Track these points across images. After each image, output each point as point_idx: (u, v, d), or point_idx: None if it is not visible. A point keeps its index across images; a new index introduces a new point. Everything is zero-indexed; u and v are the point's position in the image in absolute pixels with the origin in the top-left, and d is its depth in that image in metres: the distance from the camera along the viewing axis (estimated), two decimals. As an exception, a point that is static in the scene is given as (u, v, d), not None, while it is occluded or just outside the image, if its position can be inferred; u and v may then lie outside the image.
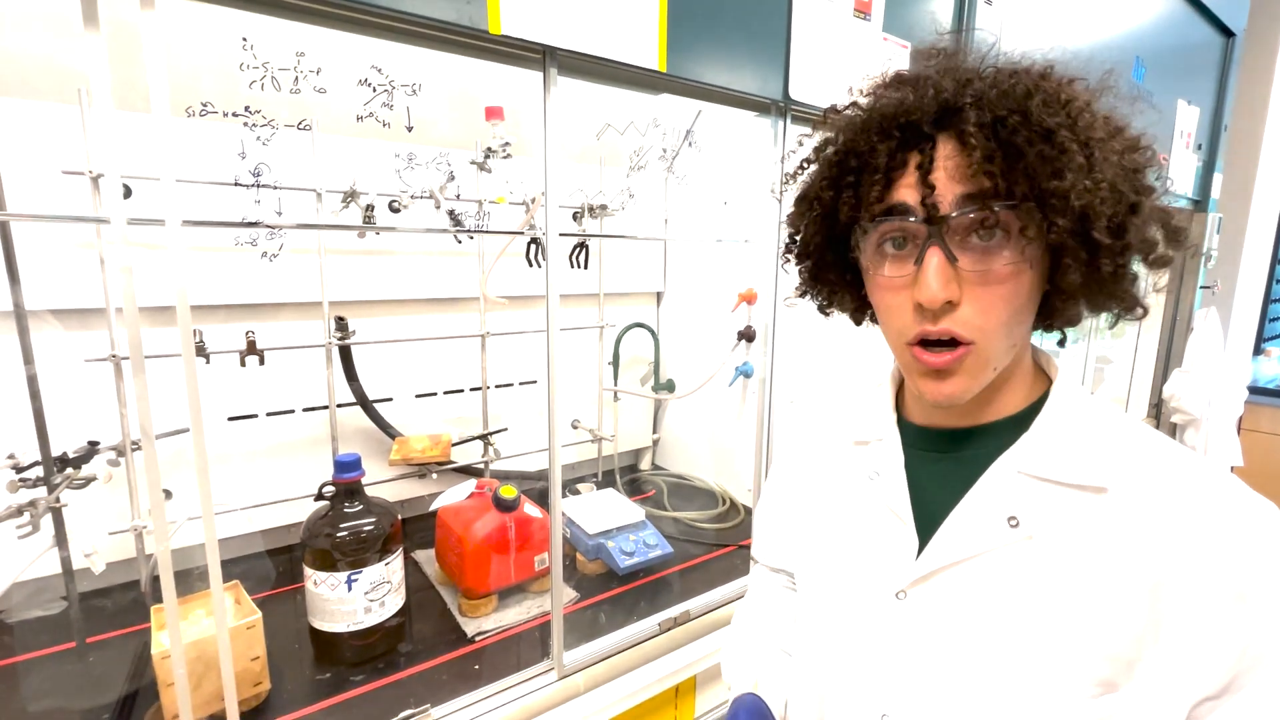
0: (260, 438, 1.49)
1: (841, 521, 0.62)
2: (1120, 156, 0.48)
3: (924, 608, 0.54)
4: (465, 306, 1.69)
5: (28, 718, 1.03)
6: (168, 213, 0.65)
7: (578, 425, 2.02)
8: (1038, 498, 0.51)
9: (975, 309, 0.48)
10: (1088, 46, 1.69)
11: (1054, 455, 0.51)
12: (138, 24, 0.60)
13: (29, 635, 1.22)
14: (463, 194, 1.52)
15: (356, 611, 1.17)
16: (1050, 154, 0.45)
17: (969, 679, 0.51)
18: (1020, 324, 0.51)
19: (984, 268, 0.47)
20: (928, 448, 0.58)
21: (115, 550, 1.26)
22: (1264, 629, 0.44)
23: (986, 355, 0.49)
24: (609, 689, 1.02)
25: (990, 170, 0.45)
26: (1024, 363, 0.55)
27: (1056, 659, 0.48)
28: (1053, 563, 0.49)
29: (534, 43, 0.78)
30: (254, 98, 0.82)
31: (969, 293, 0.48)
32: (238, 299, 1.37)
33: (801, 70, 1.05)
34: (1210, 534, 0.46)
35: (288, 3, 0.64)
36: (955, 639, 0.52)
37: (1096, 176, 0.46)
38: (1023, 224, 0.46)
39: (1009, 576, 0.50)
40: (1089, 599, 0.48)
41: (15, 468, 1.11)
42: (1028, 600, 0.49)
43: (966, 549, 0.52)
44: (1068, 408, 0.53)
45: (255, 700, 1.08)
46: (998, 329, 0.49)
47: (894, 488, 0.58)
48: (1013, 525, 0.51)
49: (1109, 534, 0.48)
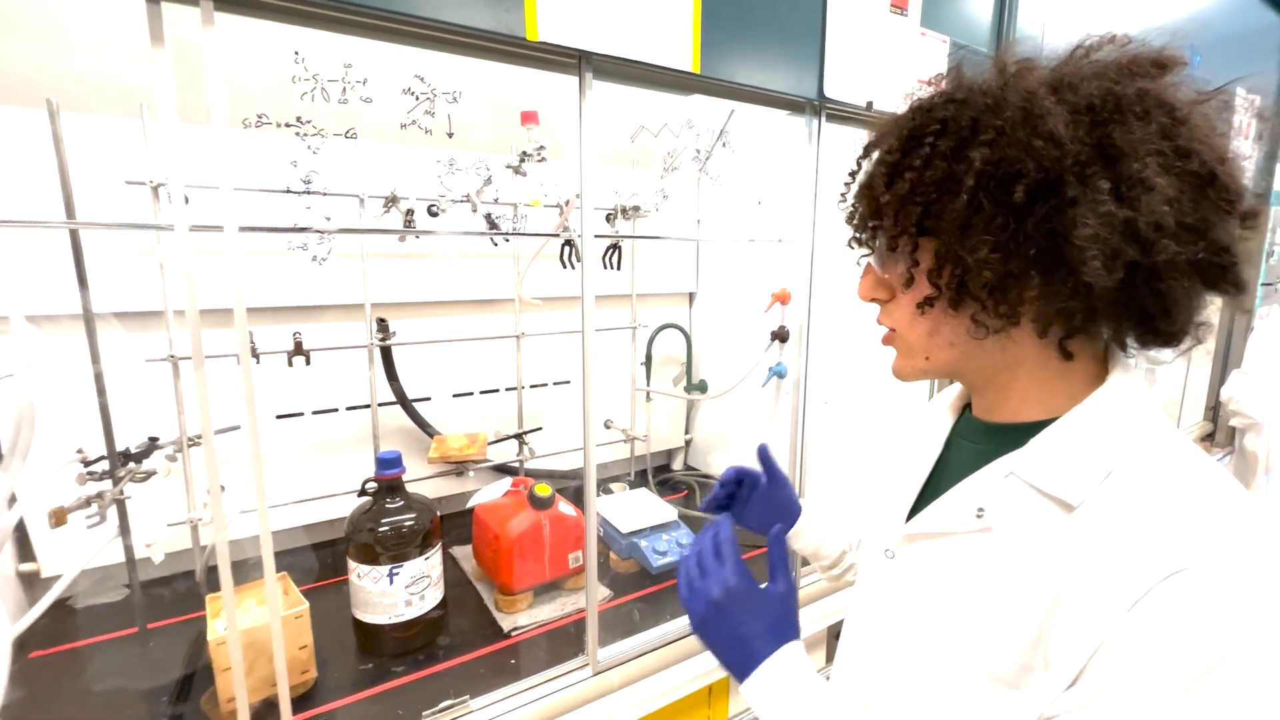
0: (306, 435, 1.55)
1: (885, 487, 0.69)
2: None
3: (903, 568, 0.60)
4: (501, 308, 1.72)
5: (95, 698, 1.09)
6: (225, 220, 0.68)
7: (610, 425, 2.03)
8: (1013, 498, 0.52)
9: (893, 304, 0.59)
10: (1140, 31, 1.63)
11: (1044, 462, 0.52)
12: (199, 41, 0.63)
13: (95, 620, 1.29)
14: (499, 197, 1.55)
15: (398, 604, 1.20)
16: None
17: (916, 643, 0.57)
18: (935, 327, 0.56)
19: (890, 273, 0.58)
20: (970, 439, 0.62)
21: (172, 541, 1.33)
22: (1132, 635, 0.41)
23: (907, 343, 0.59)
24: (642, 686, 1.03)
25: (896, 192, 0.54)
26: (1036, 375, 0.55)
27: (973, 642, 0.51)
28: (1001, 559, 0.52)
29: (570, 48, 0.79)
30: (305, 108, 0.86)
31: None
32: (285, 301, 1.43)
33: (836, 68, 1.04)
34: (1134, 553, 0.43)
35: (339, 17, 0.67)
36: (917, 601, 0.58)
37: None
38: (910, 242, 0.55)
39: (963, 559, 0.55)
40: (1013, 596, 0.49)
41: (83, 462, 1.18)
42: (969, 584, 0.53)
43: (938, 526, 0.57)
44: (1092, 419, 0.52)
45: (303, 687, 1.12)
46: (905, 323, 0.58)
47: (919, 464, 0.65)
48: (978, 516, 0.54)
49: (1056, 547, 0.48)
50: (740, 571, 0.65)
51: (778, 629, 0.62)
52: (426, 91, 0.88)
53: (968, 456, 0.60)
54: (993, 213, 0.48)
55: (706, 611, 0.64)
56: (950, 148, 0.49)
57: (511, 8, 0.74)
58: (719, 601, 0.63)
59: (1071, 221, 0.46)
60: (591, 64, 0.84)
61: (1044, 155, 0.46)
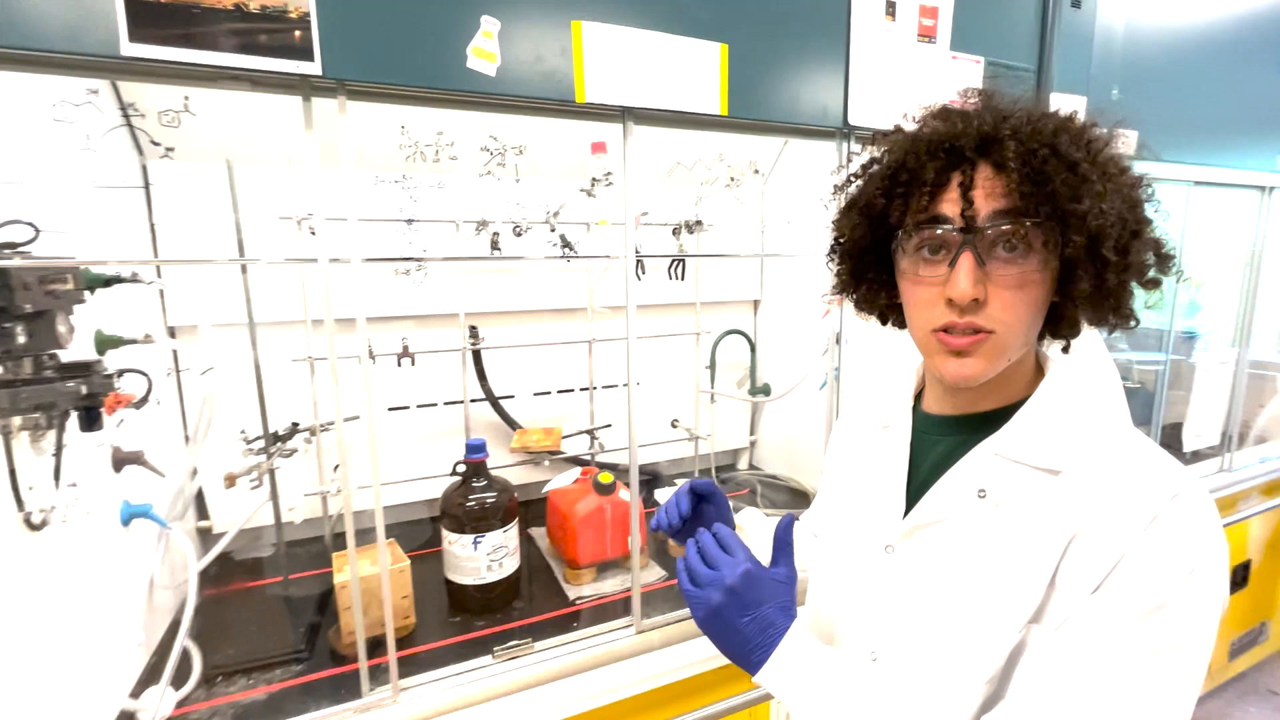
0: (412, 426, 1.82)
1: (856, 490, 0.73)
2: (1127, 190, 0.57)
3: (907, 560, 0.64)
4: (576, 316, 1.92)
5: (251, 627, 1.38)
6: (352, 253, 0.91)
7: (676, 424, 2.18)
8: (1005, 475, 0.60)
9: (998, 306, 0.56)
10: (1217, 20, 1.58)
11: (1025, 442, 0.60)
12: (337, 125, 0.86)
13: (250, 570, 1.61)
14: (572, 218, 1.76)
15: (480, 569, 1.42)
16: (1073, 181, 0.54)
17: (936, 618, 0.61)
18: (1033, 324, 0.60)
19: (1007, 272, 0.56)
20: (933, 432, 0.68)
21: (307, 509, 1.63)
22: (1153, 543, 0.52)
23: (1004, 344, 0.57)
24: (682, 649, 1.17)
25: (1022, 191, 0.54)
26: (1027, 361, 0.64)
27: (999, 600, 0.57)
28: (1007, 527, 0.59)
29: (613, 106, 0.97)
30: (408, 167, 1.09)
31: (993, 293, 0.56)
32: (395, 311, 1.70)
33: (861, 97, 1.14)
34: (1132, 490, 0.55)
35: (439, 97, 0.88)
36: (928, 585, 0.62)
37: (1108, 204, 0.54)
38: (1044, 238, 0.55)
39: (973, 536, 0.60)
40: (1029, 555, 0.57)
41: (245, 439, 1.49)
42: (985, 555, 0.59)
43: (942, 512, 0.62)
44: (1053, 401, 0.61)
45: (404, 631, 1.36)
46: (1016, 324, 0.57)
47: (896, 463, 0.69)
48: (981, 496, 0.60)
49: (1054, 506, 0.57)
50: (753, 559, 0.66)
51: (787, 610, 0.64)
52: (499, 148, 1.09)
53: (940, 448, 0.67)
54: (1099, 207, 0.55)
55: (723, 600, 0.63)
56: (1051, 147, 0.56)
57: (564, 80, 0.92)
58: (737, 588, 0.63)
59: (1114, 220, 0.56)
60: (632, 115, 1.01)
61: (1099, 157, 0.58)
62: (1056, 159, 0.54)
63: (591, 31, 0.93)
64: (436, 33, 0.84)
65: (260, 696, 1.17)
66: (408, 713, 0.99)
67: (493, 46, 0.87)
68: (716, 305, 2.17)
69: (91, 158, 1.15)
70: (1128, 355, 2.09)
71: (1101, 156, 0.56)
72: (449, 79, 0.86)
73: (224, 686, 1.20)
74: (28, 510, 0.89)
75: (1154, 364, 1.99)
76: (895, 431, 0.71)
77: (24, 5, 0.68)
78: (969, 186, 0.56)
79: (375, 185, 1.14)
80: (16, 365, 0.85)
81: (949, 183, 0.58)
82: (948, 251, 0.58)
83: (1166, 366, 1.87)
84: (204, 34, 0.74)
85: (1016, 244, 0.56)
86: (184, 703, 1.14)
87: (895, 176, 0.60)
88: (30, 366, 0.87)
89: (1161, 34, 1.50)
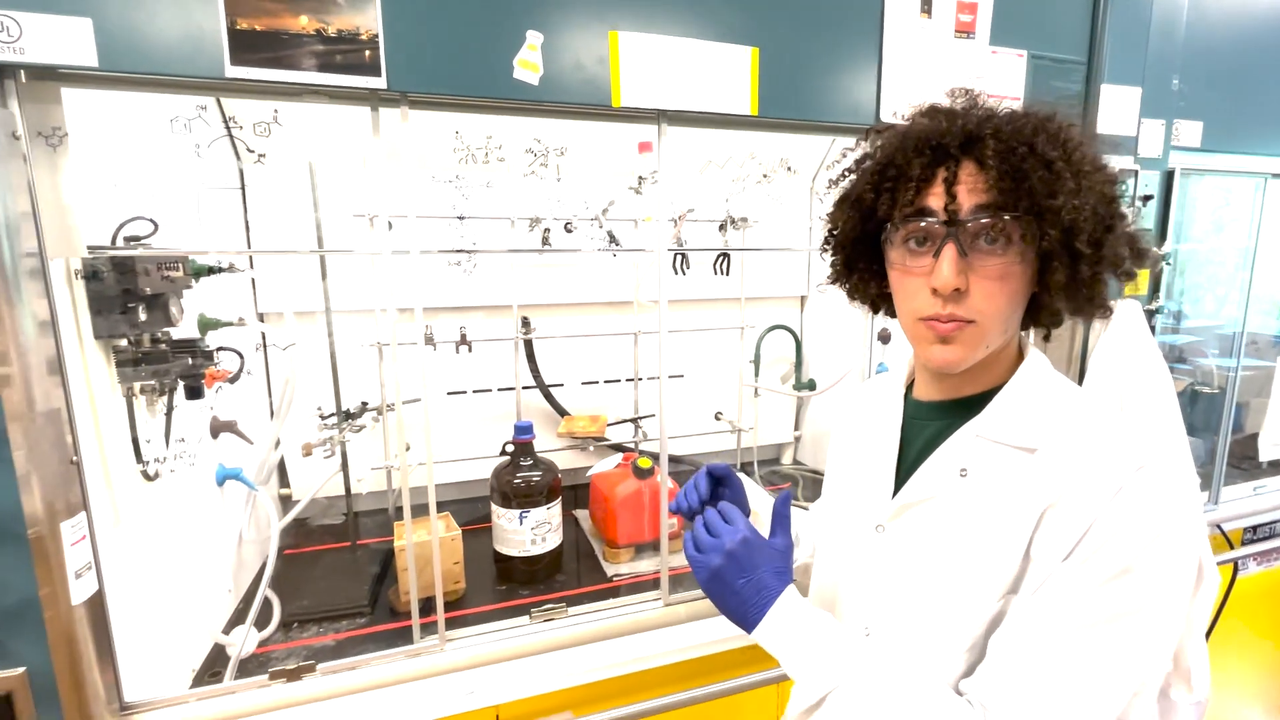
0: (469, 409, 1.95)
1: (851, 473, 0.78)
2: (1101, 187, 0.60)
3: (896, 538, 0.68)
4: (622, 308, 2.01)
5: (322, 583, 1.53)
6: (411, 245, 1.02)
7: (720, 417, 2.23)
8: (985, 454, 0.64)
9: (979, 295, 0.60)
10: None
11: (1002, 422, 0.64)
12: (404, 132, 0.97)
13: (322, 535, 1.78)
14: (619, 214, 1.84)
15: (525, 542, 1.52)
16: (1048, 179, 0.57)
17: (922, 592, 0.65)
18: (1013, 314, 0.63)
19: (988, 264, 0.59)
20: (922, 417, 0.72)
21: (369, 482, 1.79)
22: (1119, 512, 0.54)
23: (983, 333, 0.61)
24: (707, 624, 1.23)
25: (1002, 187, 0.58)
26: (1008, 349, 0.67)
27: (981, 573, 0.61)
28: (986, 503, 0.62)
29: (648, 109, 1.04)
30: (460, 169, 1.20)
31: (974, 283, 0.59)
32: (454, 302, 1.83)
33: (894, 94, 1.16)
34: (1100, 463, 0.57)
35: (488, 105, 0.98)
36: (915, 561, 0.66)
37: (1082, 200, 0.57)
38: (1022, 231, 0.58)
39: (956, 513, 0.64)
40: (1005, 528, 0.60)
41: (320, 415, 1.66)
42: (965, 530, 0.63)
43: (927, 491, 0.66)
44: (1029, 385, 0.65)
45: (455, 595, 1.48)
46: (995, 314, 0.60)
47: (887, 446, 0.73)
48: (963, 475, 0.64)
49: (1029, 482, 0.60)
50: (752, 528, 0.71)
51: (782, 575, 0.68)
52: (541, 150, 1.18)
53: (927, 432, 0.70)
54: (1076, 202, 0.58)
55: (722, 563, 0.67)
56: (1029, 146, 0.59)
57: (602, 86, 1.00)
58: (735, 553, 0.67)
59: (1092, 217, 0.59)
60: (666, 116, 1.08)
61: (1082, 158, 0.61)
62: (1034, 157, 0.58)
63: (627, 40, 1.00)
64: (486, 48, 0.94)
65: (330, 642, 1.32)
66: (450, 660, 1.10)
67: (536, 58, 0.96)
68: (762, 300, 2.20)
69: (199, 163, 1.33)
70: (1211, 361, 1.98)
71: (1076, 155, 0.59)
72: (497, 88, 0.96)
73: (298, 632, 1.36)
74: (145, 463, 1.05)
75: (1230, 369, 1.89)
76: (887, 417, 0.75)
77: (150, 37, 0.81)
78: (953, 182, 0.60)
79: (431, 184, 1.26)
80: (138, 340, 1.01)
81: (934, 178, 0.61)
82: (932, 243, 0.61)
83: (1238, 371, 1.77)
84: (291, 56, 0.86)
85: (996, 237, 0.59)
86: (265, 643, 1.30)
87: (884, 172, 0.64)
88: (148, 342, 1.03)
89: (1230, 16, 1.43)
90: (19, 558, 0.82)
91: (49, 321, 0.85)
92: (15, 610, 0.83)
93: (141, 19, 0.81)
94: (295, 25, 0.86)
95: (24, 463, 0.81)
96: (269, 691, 1.02)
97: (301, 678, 1.04)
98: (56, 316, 0.86)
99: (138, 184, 1.16)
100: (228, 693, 1.01)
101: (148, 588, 1.06)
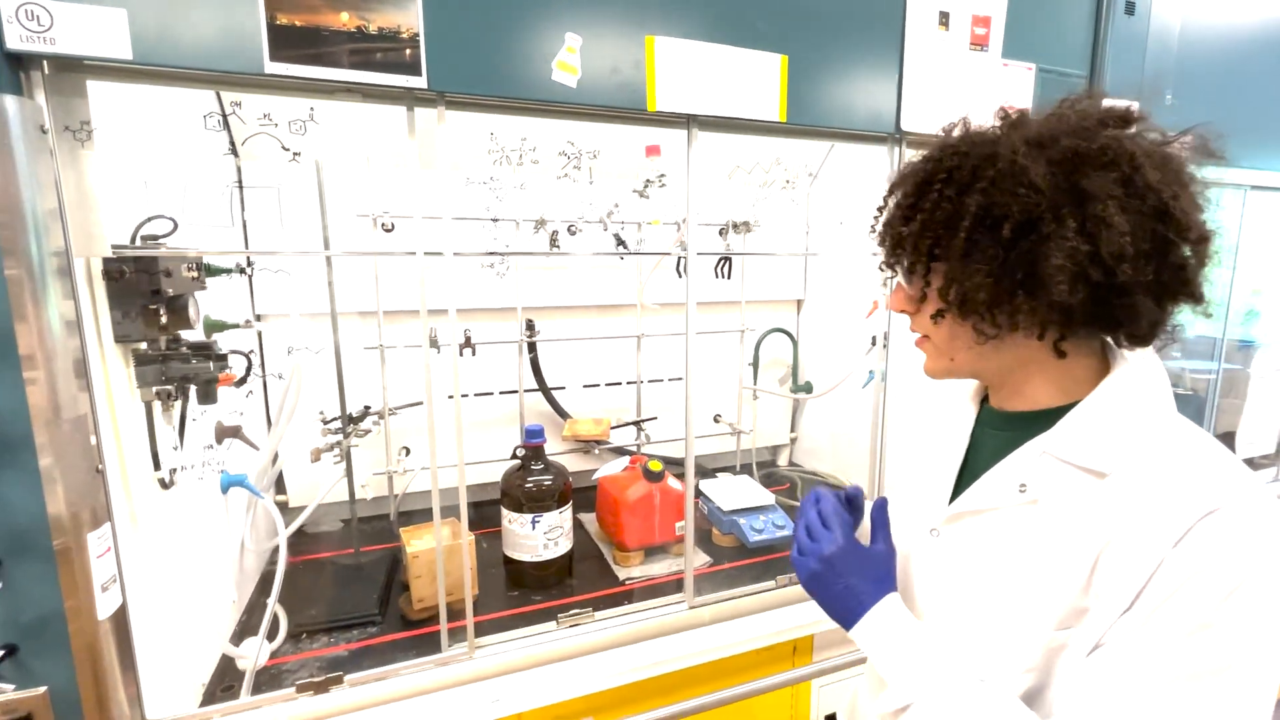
0: (470, 412, 1.92)
1: (918, 476, 0.79)
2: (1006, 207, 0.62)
3: (949, 544, 0.69)
4: (626, 311, 2.01)
5: (328, 593, 1.49)
6: (445, 246, 1.01)
7: (719, 419, 2.25)
8: (1051, 473, 0.61)
9: (922, 317, 0.68)
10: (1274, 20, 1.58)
11: (1071, 441, 0.61)
12: (436, 132, 0.96)
13: (325, 542, 1.73)
14: (625, 217, 1.84)
15: (537, 547, 1.51)
16: (937, 216, 0.63)
17: (972, 603, 0.65)
18: (965, 336, 0.64)
19: (914, 292, 0.67)
20: (994, 426, 0.71)
21: (372, 488, 1.75)
22: (1180, 565, 0.51)
23: (938, 348, 0.68)
24: (730, 626, 1.24)
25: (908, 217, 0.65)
26: (1044, 370, 0.65)
27: (1036, 600, 0.59)
28: (1049, 526, 0.60)
29: (680, 114, 1.05)
30: (494, 170, 1.19)
31: (922, 307, 0.68)
32: (459, 304, 1.80)
33: (914, 104, 1.19)
34: (1166, 501, 0.54)
35: (525, 106, 0.97)
36: (967, 570, 0.66)
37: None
38: (910, 262, 0.66)
39: (1012, 529, 0.63)
40: (1065, 556, 0.58)
41: (323, 420, 1.62)
42: (1020, 549, 0.62)
43: (984, 502, 0.66)
44: (1109, 402, 0.61)
45: (462, 602, 1.45)
46: (937, 333, 0.68)
47: (953, 452, 0.74)
48: (1021, 490, 0.62)
49: (1096, 509, 0.57)
50: (848, 535, 0.73)
51: (881, 581, 0.70)
52: (574, 152, 1.18)
53: (995, 442, 0.68)
54: (987, 246, 0.60)
55: (819, 568, 0.71)
56: (953, 193, 0.63)
57: (637, 90, 1.00)
58: (830, 558, 0.71)
59: (1045, 253, 0.58)
60: (696, 121, 1.09)
61: (1026, 201, 0.59)
62: (933, 192, 0.63)
63: (663, 45, 1.01)
64: (526, 49, 0.94)
65: (343, 653, 1.28)
66: (482, 668, 1.08)
67: (575, 61, 0.95)
68: (761, 304, 2.23)
69: (231, 161, 1.28)
70: (1180, 363, 2.07)
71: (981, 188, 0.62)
72: (536, 90, 0.95)
73: (308, 643, 1.32)
74: (163, 471, 1.01)
75: (1208, 372, 1.98)
76: (959, 421, 0.76)
77: (187, 31, 0.79)
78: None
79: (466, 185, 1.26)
80: (157, 343, 0.97)
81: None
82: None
83: (1219, 375, 1.86)
84: (331, 53, 0.84)
85: (908, 266, 0.66)
86: (275, 654, 1.26)
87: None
88: (165, 344, 0.99)
89: (1217, 37, 1.51)
90: (45, 570, 0.78)
91: (74, 323, 0.82)
92: (37, 626, 0.79)
93: (179, 12, 0.78)
94: (336, 22, 0.84)
95: (50, 471, 0.78)
96: (295, 705, 0.99)
97: (329, 690, 1.01)
98: (82, 318, 0.82)
99: (139, 182, 1.12)
100: (251, 707, 0.98)
101: (162, 600, 1.02)
